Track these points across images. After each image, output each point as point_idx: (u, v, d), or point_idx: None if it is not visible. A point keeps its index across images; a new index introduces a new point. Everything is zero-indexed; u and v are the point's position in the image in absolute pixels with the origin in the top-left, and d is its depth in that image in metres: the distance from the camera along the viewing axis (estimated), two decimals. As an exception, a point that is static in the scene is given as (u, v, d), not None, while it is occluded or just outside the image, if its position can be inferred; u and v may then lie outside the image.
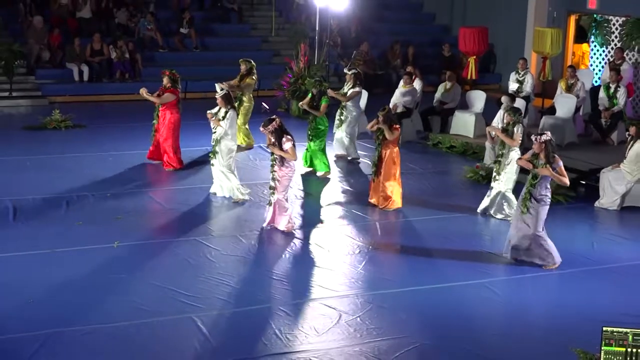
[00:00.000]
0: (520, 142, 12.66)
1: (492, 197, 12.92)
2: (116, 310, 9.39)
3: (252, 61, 16.51)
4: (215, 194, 13.46)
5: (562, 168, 10.69)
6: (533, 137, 10.79)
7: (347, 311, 9.56)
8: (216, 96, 13.21)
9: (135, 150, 16.18)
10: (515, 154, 12.61)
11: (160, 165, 15.11)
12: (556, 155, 10.72)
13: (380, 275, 10.67)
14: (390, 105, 17.30)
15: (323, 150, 14.93)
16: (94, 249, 11.20)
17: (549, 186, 10.80)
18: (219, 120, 12.98)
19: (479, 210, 13.03)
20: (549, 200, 10.81)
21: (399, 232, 12.58)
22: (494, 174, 12.90)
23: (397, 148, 13.09)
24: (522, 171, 12.13)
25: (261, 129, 11.75)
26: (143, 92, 14.87)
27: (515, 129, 12.61)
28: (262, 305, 9.68)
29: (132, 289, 10.01)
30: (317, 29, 20.54)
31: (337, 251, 11.48)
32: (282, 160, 11.70)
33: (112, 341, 8.70)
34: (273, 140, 11.67)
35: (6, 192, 13.36)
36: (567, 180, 10.75)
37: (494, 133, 13.03)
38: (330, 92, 15.32)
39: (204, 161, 15.51)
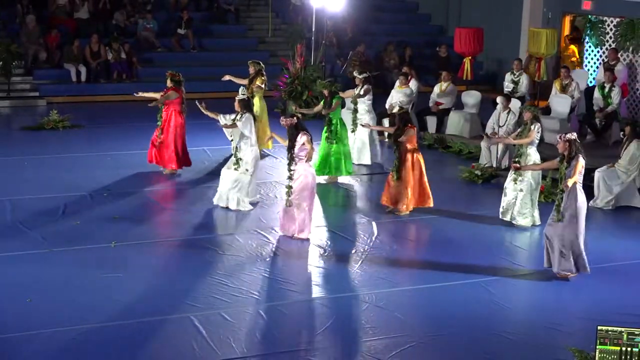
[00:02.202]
0: (535, 139, 12.49)
1: (510, 200, 12.64)
2: (113, 309, 9.44)
3: (260, 63, 16.41)
4: (218, 205, 13.05)
5: (577, 168, 10.36)
6: (558, 137, 10.65)
7: (344, 310, 9.62)
8: (236, 98, 13.06)
9: (133, 150, 16.23)
10: (533, 151, 12.53)
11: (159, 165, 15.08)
12: (580, 155, 10.46)
13: (376, 274, 10.72)
14: (386, 106, 17.38)
15: (349, 153, 14.75)
16: (92, 248, 11.25)
17: (580, 195, 10.51)
18: (233, 122, 12.80)
19: (500, 213, 12.76)
20: (581, 200, 10.53)
21: (396, 232, 12.62)
22: (514, 175, 12.53)
23: (416, 149, 12.86)
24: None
25: (282, 118, 11.84)
26: (140, 93, 14.93)
27: (532, 126, 12.50)
28: (260, 305, 9.73)
29: (129, 288, 10.05)
30: (313, 29, 20.58)
31: (334, 251, 11.53)
32: (294, 160, 11.68)
33: (110, 340, 8.74)
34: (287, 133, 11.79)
35: (4, 192, 13.41)
36: (569, 183, 10.36)
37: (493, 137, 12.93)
38: (341, 94, 15.33)
39: (202, 161, 15.57)
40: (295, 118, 11.76)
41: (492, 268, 11.04)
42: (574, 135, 10.58)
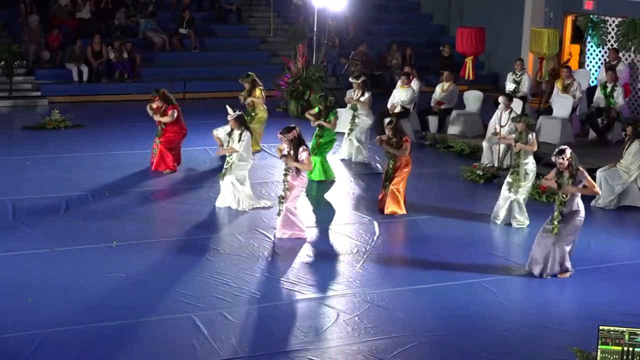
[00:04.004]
0: (536, 147, 12.50)
1: (507, 206, 12.59)
2: (114, 309, 9.43)
3: (250, 74, 16.15)
4: (220, 208, 13.01)
5: (589, 179, 10.37)
6: (554, 158, 10.45)
7: (345, 310, 9.62)
8: (228, 118, 12.80)
9: (134, 150, 16.24)
10: (530, 162, 12.47)
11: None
12: (580, 167, 10.43)
13: (378, 274, 10.72)
14: (388, 106, 17.39)
15: (326, 159, 14.86)
16: (93, 248, 11.24)
17: (580, 201, 10.45)
18: (232, 147, 12.72)
19: (492, 217, 12.76)
20: (583, 213, 10.51)
21: (397, 232, 12.62)
22: (510, 182, 12.49)
23: (409, 159, 12.82)
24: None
25: (279, 135, 11.60)
26: (151, 111, 14.86)
27: (531, 135, 12.43)
28: (261, 305, 9.73)
29: (130, 288, 10.05)
30: (315, 29, 20.59)
31: (336, 251, 11.53)
32: (297, 171, 11.59)
33: (111, 340, 8.74)
34: (288, 149, 11.53)
35: (6, 192, 13.41)
36: (597, 190, 10.37)
37: (499, 137, 12.85)
38: (346, 99, 15.40)
39: (203, 161, 15.58)
40: (295, 131, 11.54)
41: (493, 268, 11.03)
42: (569, 150, 10.40)
